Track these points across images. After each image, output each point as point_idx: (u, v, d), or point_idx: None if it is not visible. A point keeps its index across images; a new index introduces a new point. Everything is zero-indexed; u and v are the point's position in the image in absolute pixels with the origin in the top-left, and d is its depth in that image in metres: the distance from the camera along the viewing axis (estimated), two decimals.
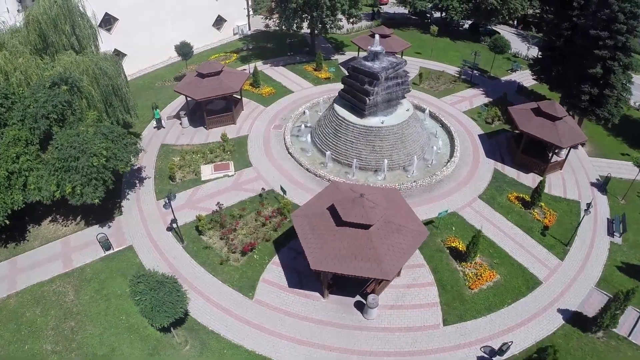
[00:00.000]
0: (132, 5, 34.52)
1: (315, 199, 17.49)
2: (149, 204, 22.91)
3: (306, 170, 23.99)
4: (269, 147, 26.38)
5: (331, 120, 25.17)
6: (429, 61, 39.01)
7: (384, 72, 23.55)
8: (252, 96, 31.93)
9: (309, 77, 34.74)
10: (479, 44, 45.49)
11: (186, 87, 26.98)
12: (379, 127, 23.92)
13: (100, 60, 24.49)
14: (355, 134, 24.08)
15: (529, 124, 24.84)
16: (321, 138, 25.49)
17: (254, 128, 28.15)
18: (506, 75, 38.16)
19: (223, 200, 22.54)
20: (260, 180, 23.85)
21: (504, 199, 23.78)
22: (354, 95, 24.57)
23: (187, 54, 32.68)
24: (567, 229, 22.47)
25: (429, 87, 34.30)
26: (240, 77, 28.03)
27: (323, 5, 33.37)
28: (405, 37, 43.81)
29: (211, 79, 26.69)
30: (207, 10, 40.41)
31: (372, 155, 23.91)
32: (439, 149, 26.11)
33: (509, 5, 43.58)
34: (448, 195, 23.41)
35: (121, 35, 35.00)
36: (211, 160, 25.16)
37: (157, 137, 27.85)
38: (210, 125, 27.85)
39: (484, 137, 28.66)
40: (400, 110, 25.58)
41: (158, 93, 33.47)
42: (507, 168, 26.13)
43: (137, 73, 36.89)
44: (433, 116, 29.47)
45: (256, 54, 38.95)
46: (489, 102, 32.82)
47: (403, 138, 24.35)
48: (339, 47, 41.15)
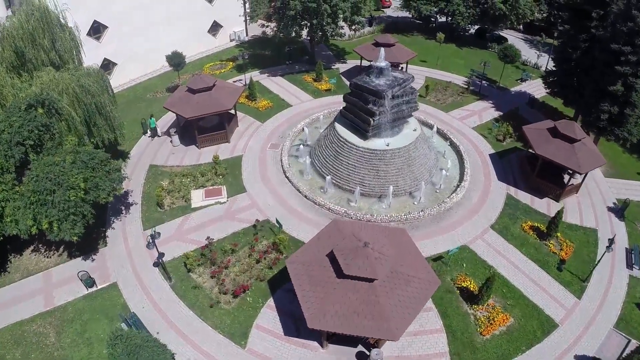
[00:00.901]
0: (123, 12, 32.67)
1: (314, 242, 15.76)
2: (134, 235, 21.21)
3: (304, 197, 22.24)
4: (264, 169, 24.59)
5: (332, 141, 23.37)
6: (435, 71, 37.05)
7: (390, 90, 21.72)
8: (248, 110, 30.10)
9: (308, 89, 32.87)
10: (486, 50, 43.50)
11: (176, 104, 25.15)
12: (383, 151, 22.10)
13: (83, 76, 22.71)
14: (358, 158, 22.28)
15: (545, 147, 23.02)
16: (321, 160, 23.70)
17: (249, 147, 26.32)
18: (516, 86, 36.25)
19: (214, 231, 20.90)
20: (254, 208, 22.09)
21: (517, 229, 22.05)
22: (357, 115, 22.75)
23: (179, 64, 30.80)
24: (584, 262, 20.94)
25: (435, 99, 32.44)
26: (234, 93, 26.17)
27: (324, 12, 31.46)
28: (409, 44, 41.95)
29: (202, 95, 24.84)
30: (202, 15, 38.45)
31: (376, 181, 22.15)
32: (447, 171, 24.33)
33: (517, 10, 41.60)
34: (458, 226, 21.67)
35: (111, 44, 33.20)
36: (202, 185, 23.41)
37: (146, 157, 26.08)
38: (202, 144, 26.04)
39: (495, 156, 26.85)
40: (406, 130, 23.76)
41: (149, 106, 31.64)
42: (520, 192, 24.37)
43: (128, 83, 35.10)
44: (441, 133, 27.67)
45: (253, 63, 37.00)
46: (499, 116, 30.96)
47: (410, 161, 22.57)
48: (340, 55, 39.16)
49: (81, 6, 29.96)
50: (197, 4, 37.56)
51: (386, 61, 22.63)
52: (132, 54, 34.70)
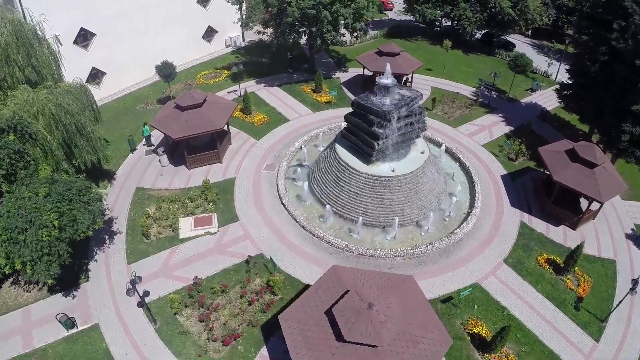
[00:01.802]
0: (111, 18, 30.74)
1: (312, 294, 14.04)
2: (118, 269, 19.51)
3: (302, 228, 20.52)
4: (259, 194, 22.78)
5: (332, 165, 21.59)
6: (442, 80, 35.09)
7: (397, 111, 19.88)
8: (243, 125, 28.20)
9: (307, 101, 30.98)
10: (493, 57, 41.54)
11: (163, 122, 23.27)
12: (389, 177, 20.32)
13: (61, 94, 20.93)
14: (361, 184, 20.51)
15: (564, 174, 21.22)
16: (320, 185, 21.92)
17: (242, 168, 24.46)
18: (526, 97, 34.36)
19: (204, 266, 19.20)
20: (247, 240, 20.32)
21: (532, 263, 20.34)
22: (360, 138, 20.92)
23: (169, 75, 28.85)
24: (602, 298, 19.41)
25: (442, 113, 30.53)
26: (226, 109, 24.26)
27: (324, 18, 29.51)
28: (413, 50, 40.03)
29: (192, 113, 22.95)
30: (196, 20, 36.45)
31: (380, 210, 20.39)
32: (457, 196, 22.52)
33: (526, 15, 39.59)
34: (469, 260, 19.94)
35: (99, 52, 31.31)
36: (192, 212, 21.66)
37: (132, 178, 24.28)
38: (192, 164, 24.22)
39: (508, 178, 25.06)
40: (413, 153, 21.94)
41: (138, 118, 29.79)
42: (534, 220, 22.61)
43: (117, 93, 33.23)
44: (449, 152, 25.86)
45: (249, 71, 35.03)
46: (510, 131, 29.08)
47: (417, 188, 20.80)
48: (341, 63, 37.13)
49: (66, 12, 28.15)
50: (191, 9, 35.56)
51: (392, 78, 20.77)
52: (121, 63, 32.81)
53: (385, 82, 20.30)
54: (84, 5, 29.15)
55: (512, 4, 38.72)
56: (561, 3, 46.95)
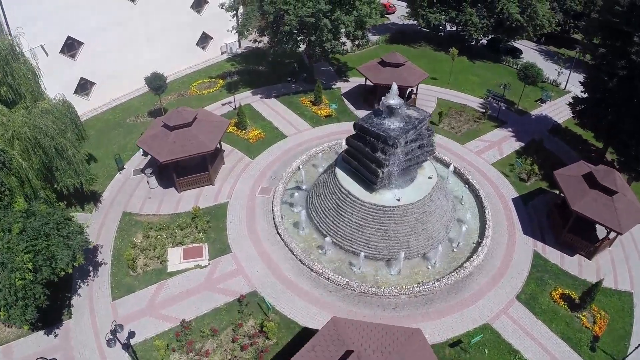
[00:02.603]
0: (99, 26, 29.10)
1: (308, 352, 12.59)
2: (102, 306, 18.04)
3: (299, 262, 19.04)
4: (253, 221, 21.19)
5: (332, 192, 20.05)
6: (448, 90, 33.42)
7: (403, 136, 18.24)
8: (237, 142, 26.55)
9: (306, 115, 29.33)
10: (500, 64, 39.85)
11: (149, 142, 21.64)
12: (393, 207, 18.80)
13: (40, 115, 19.41)
14: (363, 215, 18.95)
15: (582, 202, 19.65)
16: (319, 213, 20.37)
17: (236, 191, 22.86)
18: (536, 108, 32.73)
19: (193, 305, 17.71)
20: (240, 275, 18.77)
21: (546, 299, 18.86)
22: (362, 163, 19.33)
23: (159, 87, 27.19)
24: (619, 336, 18.07)
25: (449, 127, 28.86)
26: (218, 127, 22.60)
27: (324, 27, 27.85)
28: (417, 57, 38.40)
29: (181, 133, 21.34)
30: (190, 26, 34.75)
31: (384, 243, 18.85)
32: (466, 224, 21.03)
33: (535, 21, 37.89)
34: (479, 297, 18.41)
35: (88, 61, 29.71)
36: (181, 242, 20.13)
37: (119, 201, 22.72)
38: (182, 187, 22.65)
39: (519, 201, 23.49)
40: (420, 178, 20.34)
41: (128, 133, 28.25)
42: (548, 249, 21.10)
43: (108, 104, 31.62)
44: (457, 172, 24.30)
45: (245, 80, 33.40)
46: (520, 147, 27.43)
47: (424, 218, 19.26)
48: (341, 71, 35.45)
49: (52, 21, 26.55)
50: (184, 15, 33.88)
51: (399, 98, 19.12)
52: (111, 72, 31.18)
53: (391, 103, 18.66)
54: (71, 13, 27.49)
55: (521, 9, 37.09)
56: (569, 7, 45.34)
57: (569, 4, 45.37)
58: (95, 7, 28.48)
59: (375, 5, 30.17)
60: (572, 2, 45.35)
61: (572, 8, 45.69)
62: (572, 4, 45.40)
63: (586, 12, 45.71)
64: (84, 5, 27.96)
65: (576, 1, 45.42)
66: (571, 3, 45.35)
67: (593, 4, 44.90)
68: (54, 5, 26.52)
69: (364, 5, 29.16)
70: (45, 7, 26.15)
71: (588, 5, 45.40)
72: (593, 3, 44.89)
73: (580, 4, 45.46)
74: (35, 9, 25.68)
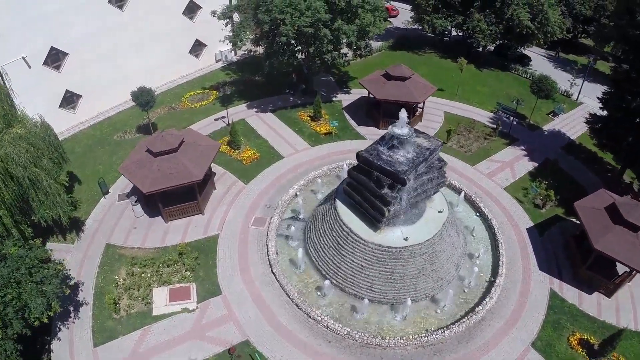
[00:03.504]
0: (85, 35, 27.22)
1: None
2: (83, 352, 16.50)
3: (296, 307, 17.31)
4: (245, 257, 19.37)
5: (332, 227, 18.26)
6: (456, 103, 31.40)
7: (413, 170, 16.35)
8: (229, 163, 24.62)
9: (304, 131, 27.41)
10: (509, 72, 37.85)
11: (132, 169, 19.80)
12: (400, 248, 17.00)
13: (12, 142, 17.65)
14: (367, 256, 17.14)
15: (605, 240, 17.84)
16: (318, 249, 18.59)
17: (227, 222, 21.04)
18: (548, 122, 30.82)
19: (179, 356, 16.02)
20: (231, 321, 16.97)
21: (564, 346, 17.14)
22: (366, 199, 17.46)
23: (146, 103, 25.30)
24: None
25: (458, 146, 26.91)
26: (207, 152, 20.70)
27: (323, 37, 25.91)
28: (421, 64, 36.57)
29: (166, 160, 19.52)
30: (182, 34, 32.76)
31: (389, 286, 17.07)
32: (478, 259, 19.30)
33: (546, 28, 35.89)
34: (492, 346, 16.63)
35: (73, 73, 27.85)
36: (167, 280, 18.40)
37: (103, 231, 20.96)
38: (169, 217, 20.90)
39: (534, 232, 21.70)
40: (430, 213, 18.47)
41: (114, 151, 26.43)
42: (565, 287, 19.35)
43: (95, 117, 29.76)
44: (468, 198, 22.48)
45: (240, 92, 31.47)
46: (534, 168, 25.53)
47: (434, 258, 17.50)
48: (342, 82, 33.42)
49: (34, 30, 24.71)
50: (176, 22, 31.90)
51: (408, 127, 17.18)
52: (99, 84, 29.30)
53: (400, 133, 16.71)
54: (53, 22, 25.62)
55: (531, 16, 35.10)
56: (578, 12, 43.42)
57: (578, 9, 43.49)
58: (80, 15, 26.60)
59: (379, 14, 28.22)
60: (582, 7, 43.51)
61: (581, 13, 43.81)
62: (581, 9, 43.54)
63: (596, 17, 43.86)
64: (67, 14, 26.09)
65: (586, 6, 43.58)
66: (580, 7, 43.50)
67: (603, 9, 43.11)
68: (35, 15, 24.69)
69: (367, 14, 27.22)
70: (26, 16, 24.33)
71: (598, 10, 43.57)
72: (603, 8, 43.12)
73: (590, 9, 43.59)
74: (14, 19, 23.86)
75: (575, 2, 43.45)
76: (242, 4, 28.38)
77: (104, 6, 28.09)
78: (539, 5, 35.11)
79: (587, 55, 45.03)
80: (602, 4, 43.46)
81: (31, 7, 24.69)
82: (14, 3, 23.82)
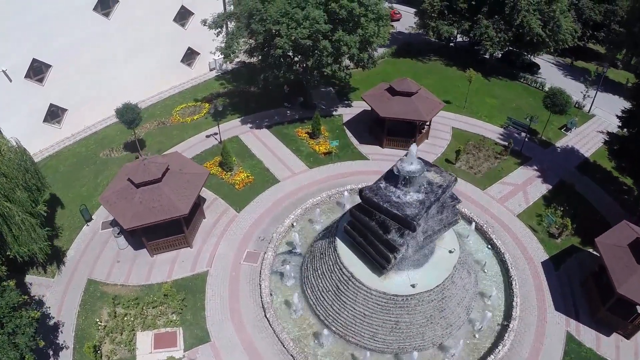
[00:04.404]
0: (69, 46, 25.57)
1: None
2: None
3: (292, 358, 15.70)
4: (236, 298, 17.71)
5: (331, 270, 16.60)
6: (464, 117, 29.65)
7: (424, 213, 14.59)
8: (220, 187, 22.90)
9: (302, 151, 25.64)
10: (518, 82, 36.01)
11: (113, 201, 18.10)
12: (407, 296, 15.33)
13: None
14: (370, 304, 15.49)
15: (629, 284, 16.11)
16: (315, 292, 16.95)
17: (217, 257, 19.36)
18: (561, 138, 29.08)
19: None
20: None
21: None
22: (370, 242, 15.75)
23: (132, 121, 23.50)
24: None
25: (467, 167, 25.14)
26: (194, 183, 18.82)
27: (323, 50, 24.11)
28: (427, 73, 34.91)
29: (148, 191, 17.83)
30: (173, 42, 30.97)
31: (394, 336, 15.46)
32: (490, 300, 17.71)
33: (557, 36, 34.06)
34: None
35: (58, 86, 26.30)
36: (152, 324, 16.80)
37: (84, 263, 19.41)
38: (154, 251, 19.30)
39: (550, 265, 20.07)
40: (439, 254, 16.74)
41: (100, 171, 24.78)
42: (583, 329, 17.75)
43: (82, 132, 28.15)
44: (479, 228, 20.81)
45: (234, 104, 29.68)
46: (548, 191, 23.81)
47: (443, 304, 15.86)
48: (343, 93, 31.60)
49: (13, 42, 23.17)
50: (167, 29, 30.13)
51: (419, 161, 15.35)
52: (85, 97, 27.71)
53: (410, 169, 14.90)
54: (35, 33, 23.96)
55: (542, 23, 33.25)
56: (588, 17, 41.55)
57: (587, 14, 41.63)
58: (63, 25, 24.92)
59: (384, 23, 26.38)
60: (592, 12, 41.65)
61: (591, 18, 41.96)
62: (591, 14, 41.69)
63: (606, 23, 42.03)
64: (49, 24, 24.40)
65: (595, 11, 41.73)
66: (590, 13, 41.64)
67: (613, 14, 41.30)
68: (15, 25, 22.95)
69: (371, 23, 25.41)
70: (5, 27, 22.60)
71: (608, 16, 41.73)
72: (613, 13, 41.30)
73: (599, 14, 41.74)
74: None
75: (584, 7, 41.66)
76: (235, 12, 26.58)
77: (89, 14, 26.34)
78: (550, 12, 33.28)
79: (595, 61, 43.21)
80: (612, 9, 41.72)
81: (10, 18, 23.04)
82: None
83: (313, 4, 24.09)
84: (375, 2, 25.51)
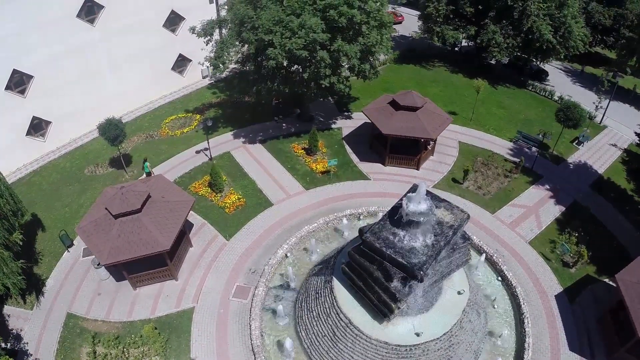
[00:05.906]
0: (51, 56, 24.13)
1: None
2: None
3: None
4: (224, 340, 16.19)
5: (327, 313, 15.04)
6: (471, 131, 28.00)
7: (431, 262, 13.00)
8: (209, 211, 21.36)
9: (298, 170, 23.99)
10: (526, 90, 34.36)
11: (90, 231, 16.54)
12: (411, 347, 13.83)
13: None
14: (370, 354, 13.96)
15: None
16: (310, 335, 15.40)
17: (204, 291, 17.82)
18: (573, 152, 27.46)
19: None
20: None
21: None
22: (370, 288, 14.19)
23: (115, 138, 21.85)
24: None
25: (475, 187, 23.49)
26: (177, 211, 17.21)
27: (321, 61, 22.46)
28: (431, 81, 33.45)
29: (127, 222, 16.28)
30: (163, 49, 29.40)
31: None
32: (500, 341, 16.14)
33: (568, 43, 32.36)
34: None
35: (41, 98, 24.86)
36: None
37: (64, 296, 17.96)
38: (137, 283, 17.83)
39: (564, 299, 18.51)
40: (447, 296, 15.17)
41: (84, 189, 23.32)
42: None
43: (67, 146, 26.74)
44: (489, 258, 19.19)
45: (227, 116, 28.06)
46: (562, 214, 22.19)
47: (450, 352, 14.34)
48: (343, 103, 29.95)
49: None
50: (156, 36, 28.57)
51: (427, 199, 13.64)
52: (70, 109, 26.30)
53: (416, 210, 13.23)
54: (14, 42, 22.47)
55: (553, 29, 31.53)
56: (597, 22, 39.82)
57: (597, 18, 39.92)
58: (45, 34, 23.45)
59: (387, 30, 24.73)
60: (601, 16, 39.93)
61: (600, 22, 40.25)
62: (600, 18, 39.97)
63: (616, 27, 40.31)
64: (29, 33, 22.92)
65: (605, 15, 40.01)
66: (600, 17, 39.92)
67: (623, 18, 39.62)
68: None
69: (373, 31, 23.78)
70: None
71: (617, 20, 40.03)
72: (623, 17, 39.63)
73: (609, 19, 40.04)
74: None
75: (594, 12, 39.97)
76: (225, 19, 24.91)
77: (72, 21, 24.75)
78: (561, 17, 31.60)
79: (604, 67, 41.52)
80: (622, 13, 40.04)
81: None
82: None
83: (309, 12, 22.48)
84: (377, 9, 23.90)
